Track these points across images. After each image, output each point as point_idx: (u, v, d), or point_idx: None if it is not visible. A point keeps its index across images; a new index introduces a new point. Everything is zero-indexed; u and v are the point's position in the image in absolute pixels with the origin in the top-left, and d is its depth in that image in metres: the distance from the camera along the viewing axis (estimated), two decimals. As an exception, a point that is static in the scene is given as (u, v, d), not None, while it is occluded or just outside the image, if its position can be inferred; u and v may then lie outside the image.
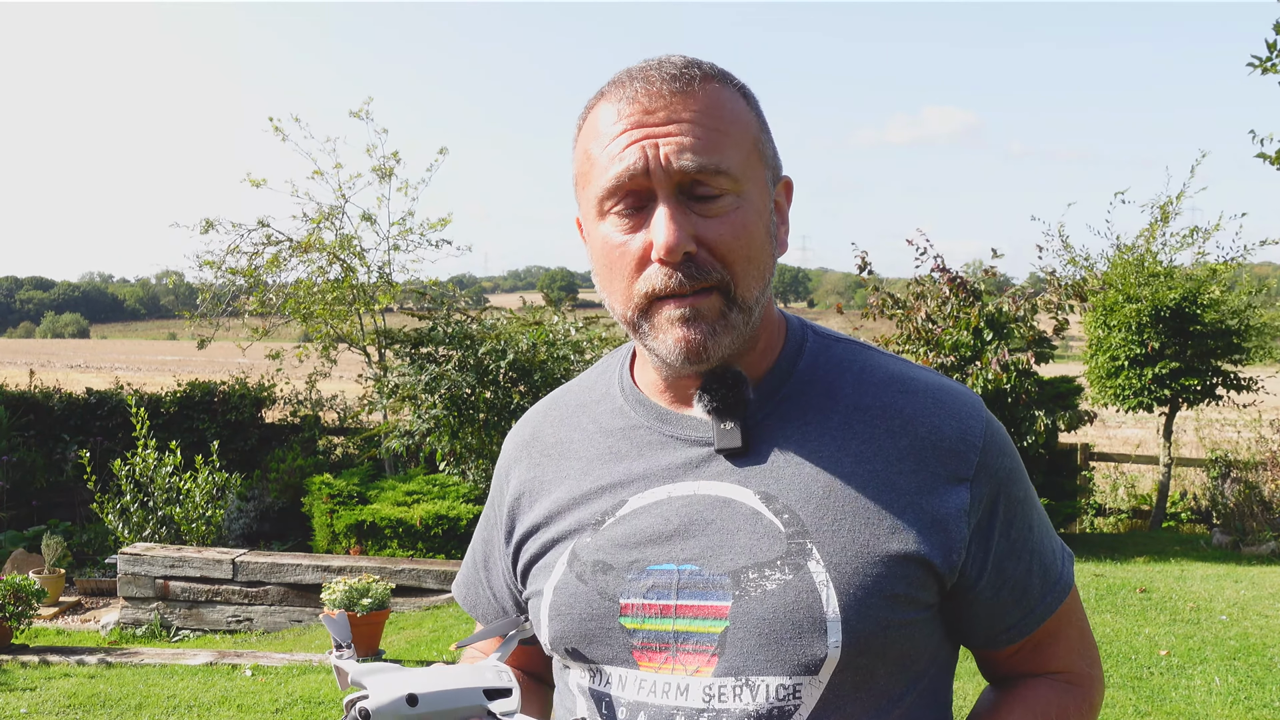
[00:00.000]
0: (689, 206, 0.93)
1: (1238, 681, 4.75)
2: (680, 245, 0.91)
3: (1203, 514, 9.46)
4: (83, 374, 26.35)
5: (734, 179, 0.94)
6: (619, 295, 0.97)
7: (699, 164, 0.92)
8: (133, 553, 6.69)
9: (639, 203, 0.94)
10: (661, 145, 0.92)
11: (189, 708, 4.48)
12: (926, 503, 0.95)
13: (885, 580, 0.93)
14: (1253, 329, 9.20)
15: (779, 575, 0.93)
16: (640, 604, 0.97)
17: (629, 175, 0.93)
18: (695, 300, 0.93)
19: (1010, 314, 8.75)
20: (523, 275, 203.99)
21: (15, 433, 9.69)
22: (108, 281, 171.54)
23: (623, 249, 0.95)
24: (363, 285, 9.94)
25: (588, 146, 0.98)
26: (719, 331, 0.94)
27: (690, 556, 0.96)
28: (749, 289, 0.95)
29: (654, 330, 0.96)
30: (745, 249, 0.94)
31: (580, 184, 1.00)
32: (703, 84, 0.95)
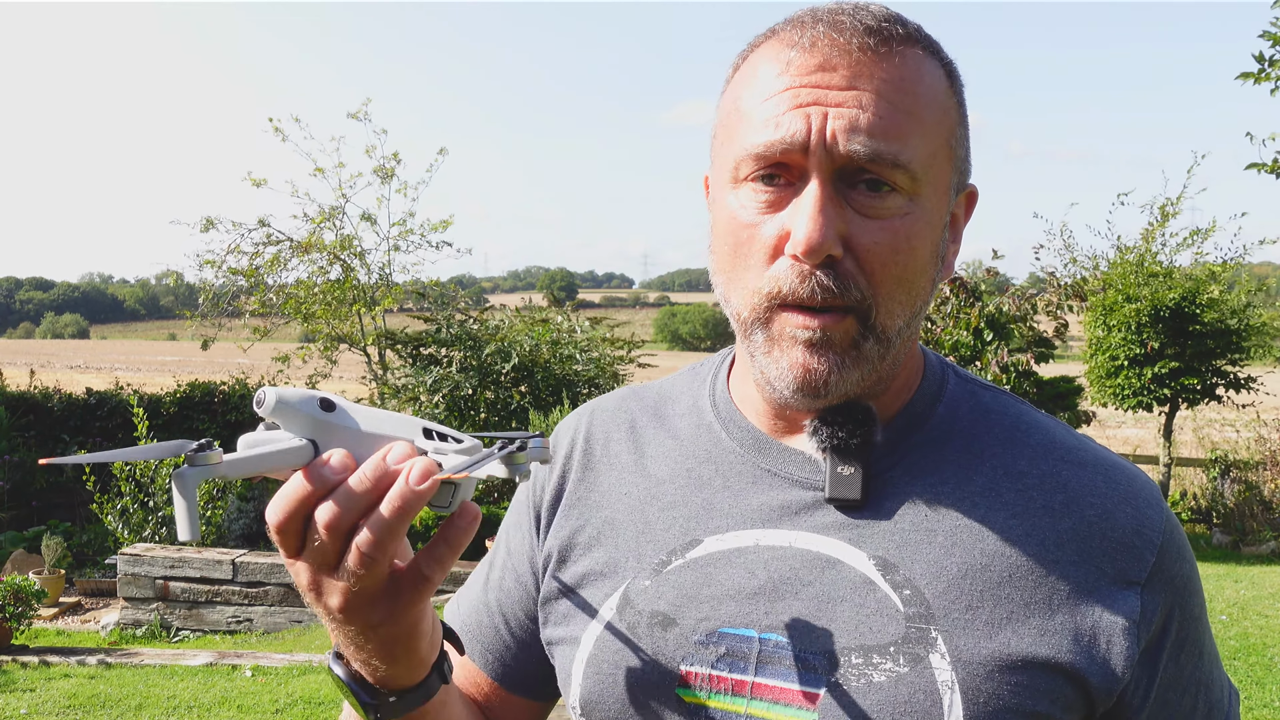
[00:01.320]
0: (847, 197, 0.74)
1: (1238, 681, 4.76)
2: (825, 244, 0.71)
3: (1203, 514, 9.46)
4: (82, 374, 26.34)
5: (913, 177, 0.74)
6: (740, 287, 0.77)
7: (874, 150, 0.72)
8: (133, 553, 6.69)
9: (788, 178, 0.74)
10: (832, 117, 0.72)
11: (189, 708, 4.48)
12: (1088, 605, 0.74)
13: (1025, 693, 0.73)
14: (1252, 328, 9.21)
15: (891, 665, 0.73)
16: (707, 674, 0.77)
17: (782, 146, 0.73)
18: (828, 322, 0.74)
19: (1010, 314, 8.76)
20: (523, 275, 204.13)
21: (15, 433, 9.69)
22: (107, 282, 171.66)
23: (752, 231, 0.75)
24: (363, 286, 9.94)
25: (740, 95, 0.78)
26: (847, 365, 0.75)
27: (777, 624, 0.76)
28: (892, 317, 0.75)
29: (770, 344, 0.76)
30: (902, 267, 0.74)
31: (721, 138, 0.80)
32: (903, 46, 0.75)
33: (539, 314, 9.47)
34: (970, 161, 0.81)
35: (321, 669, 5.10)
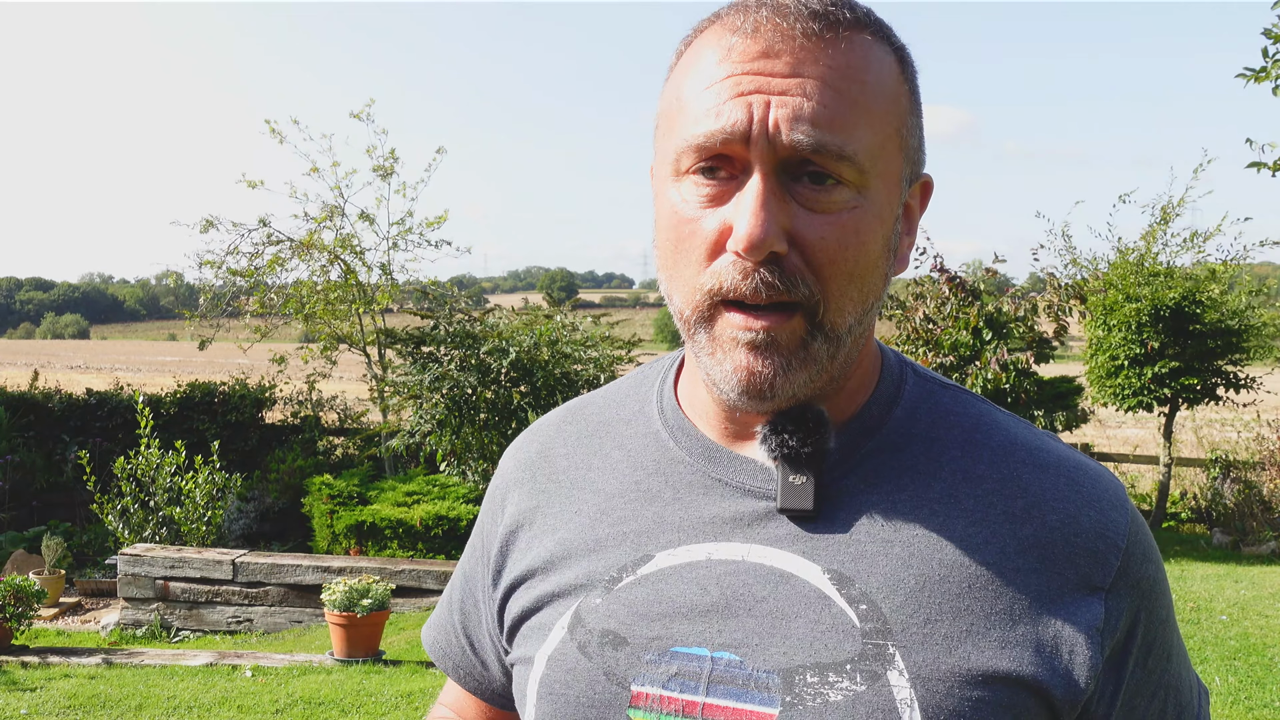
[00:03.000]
0: (791, 191, 0.71)
1: (1238, 681, 4.75)
2: (768, 240, 0.69)
3: (1203, 514, 9.46)
4: (82, 375, 26.34)
5: (859, 169, 0.70)
6: (682, 285, 0.74)
7: (818, 141, 0.69)
8: (133, 553, 6.69)
9: (730, 170, 0.71)
10: (775, 105, 0.69)
11: (189, 708, 4.48)
12: (1050, 614, 0.73)
13: (987, 708, 0.70)
14: (1253, 328, 9.21)
15: (847, 684, 0.71)
16: (658, 695, 0.74)
17: (722, 136, 0.70)
18: (772, 322, 0.71)
19: (1010, 314, 8.76)
20: (523, 276, 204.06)
21: (15, 433, 9.69)
22: (108, 282, 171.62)
23: (694, 226, 0.72)
24: (363, 285, 9.94)
25: (681, 84, 0.75)
26: (794, 366, 0.72)
27: (730, 642, 0.74)
28: (842, 314, 0.72)
29: (714, 344, 0.74)
30: (851, 262, 0.71)
31: (663, 128, 0.77)
32: (850, 31, 0.72)
33: (538, 313, 9.47)
34: (924, 151, 0.79)
35: (321, 669, 5.10)
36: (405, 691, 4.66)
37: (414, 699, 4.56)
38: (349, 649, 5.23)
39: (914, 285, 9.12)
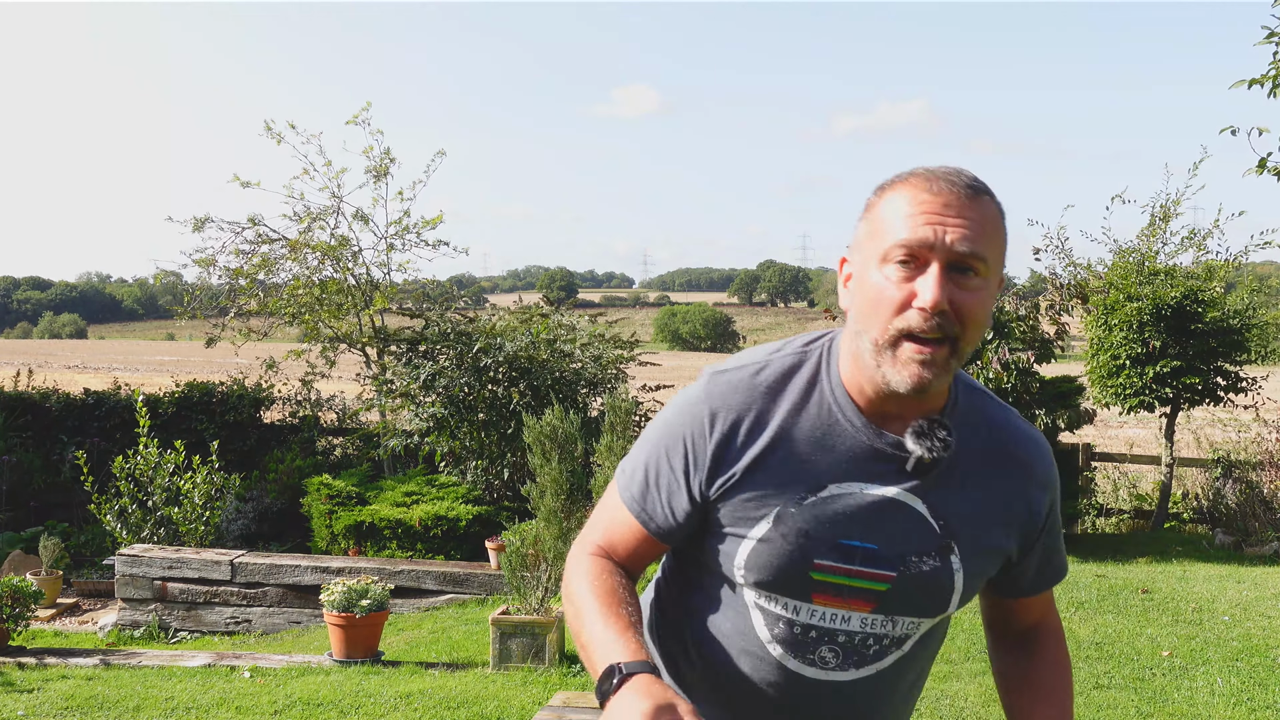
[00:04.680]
0: (951, 278, 1.23)
1: (1240, 683, 4.73)
2: (941, 302, 1.21)
3: (1205, 514, 9.44)
4: (80, 374, 26.31)
5: (988, 266, 1.25)
6: (877, 324, 1.25)
7: (972, 250, 1.23)
8: (131, 554, 6.66)
9: (915, 265, 1.23)
10: (949, 231, 1.22)
11: (187, 709, 4.46)
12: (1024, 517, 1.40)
13: (990, 567, 1.40)
14: (1255, 328, 9.18)
15: (931, 561, 1.33)
16: (829, 565, 1.31)
17: (919, 244, 1.22)
18: (934, 348, 1.23)
19: (1012, 314, 8.74)
20: (522, 275, 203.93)
21: (12, 433, 9.66)
22: (105, 281, 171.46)
23: (892, 290, 1.24)
24: (359, 285, 9.91)
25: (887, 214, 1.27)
26: (941, 373, 1.24)
27: (873, 538, 1.31)
28: (969, 346, 1.26)
29: (895, 360, 1.24)
30: (979, 317, 1.25)
31: (871, 235, 1.28)
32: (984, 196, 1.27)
33: (535, 312, 9.43)
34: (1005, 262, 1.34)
35: (320, 669, 5.08)
36: (404, 692, 4.64)
37: (413, 700, 4.54)
38: (348, 650, 5.21)
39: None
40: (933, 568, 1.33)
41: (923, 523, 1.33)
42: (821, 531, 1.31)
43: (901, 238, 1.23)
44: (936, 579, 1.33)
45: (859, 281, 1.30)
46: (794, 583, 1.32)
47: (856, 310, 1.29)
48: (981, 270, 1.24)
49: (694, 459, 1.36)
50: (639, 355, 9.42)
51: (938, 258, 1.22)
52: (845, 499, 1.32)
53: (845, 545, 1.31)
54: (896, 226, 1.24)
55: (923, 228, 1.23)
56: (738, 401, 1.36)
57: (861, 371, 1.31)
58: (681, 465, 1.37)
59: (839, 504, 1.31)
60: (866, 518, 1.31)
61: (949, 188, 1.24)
